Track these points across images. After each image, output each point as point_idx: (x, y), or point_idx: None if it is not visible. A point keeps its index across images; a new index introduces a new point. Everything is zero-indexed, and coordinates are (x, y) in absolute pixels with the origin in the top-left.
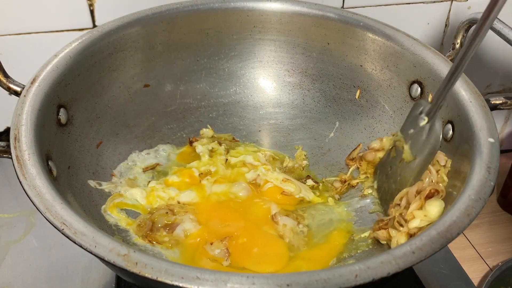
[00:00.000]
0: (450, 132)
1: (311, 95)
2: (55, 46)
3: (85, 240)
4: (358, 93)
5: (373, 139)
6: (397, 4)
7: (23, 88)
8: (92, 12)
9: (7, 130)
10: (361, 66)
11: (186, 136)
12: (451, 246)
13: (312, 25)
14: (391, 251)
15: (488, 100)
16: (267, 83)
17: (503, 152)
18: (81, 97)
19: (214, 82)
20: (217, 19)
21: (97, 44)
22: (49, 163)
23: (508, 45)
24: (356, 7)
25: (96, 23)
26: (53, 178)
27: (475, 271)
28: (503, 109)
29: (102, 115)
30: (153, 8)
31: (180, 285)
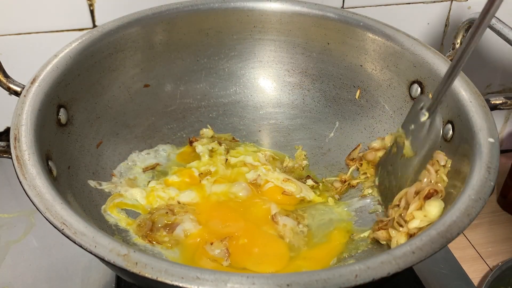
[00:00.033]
0: (450, 132)
1: (311, 95)
2: (55, 46)
3: (85, 240)
4: (358, 93)
5: (373, 139)
6: (397, 4)
7: (23, 88)
8: (92, 12)
9: (7, 130)
10: (361, 66)
11: (186, 136)
12: (451, 246)
13: (312, 25)
14: (391, 251)
15: (488, 100)
16: (267, 83)
17: (503, 152)
18: (81, 97)
19: (214, 82)
20: (217, 19)
21: (97, 44)
22: (49, 163)
23: (508, 45)
24: (356, 7)
25: (96, 23)
26: (53, 178)
27: (475, 271)
28: (503, 109)
29: (102, 115)
30: (153, 8)
31: (180, 285)
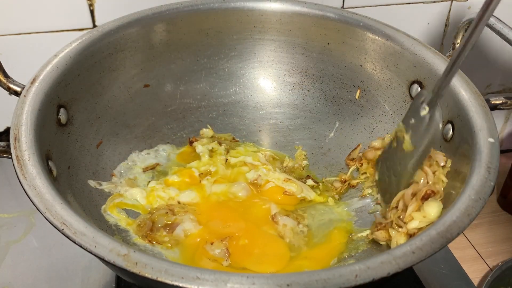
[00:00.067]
0: (450, 132)
1: (311, 95)
2: (55, 46)
3: (85, 240)
4: (358, 93)
5: (373, 139)
6: (397, 4)
7: (23, 88)
8: (92, 12)
9: (7, 130)
10: (361, 66)
11: (186, 136)
12: (451, 246)
13: (312, 25)
14: (391, 251)
15: (488, 100)
16: (267, 83)
17: (503, 152)
18: (81, 97)
19: (214, 82)
20: (217, 19)
21: (97, 44)
22: (49, 163)
23: (508, 45)
24: (356, 7)
25: (96, 23)
26: (53, 178)
27: (475, 271)
28: (503, 109)
29: (102, 115)
30: (153, 8)
31: (180, 285)
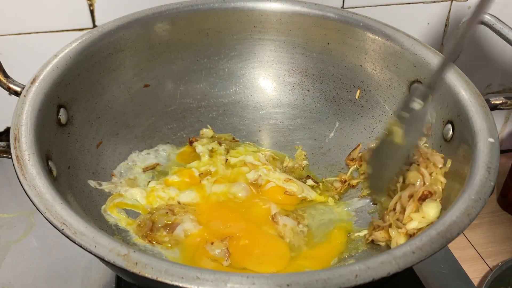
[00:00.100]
0: (450, 132)
1: (311, 95)
2: (55, 46)
3: (85, 240)
4: (358, 93)
5: (373, 139)
6: (397, 4)
7: (23, 88)
8: (92, 12)
9: (7, 130)
10: (361, 66)
11: (186, 136)
12: (451, 246)
13: (312, 25)
14: (391, 251)
15: (488, 100)
16: (267, 83)
17: (503, 152)
18: (81, 97)
19: (214, 82)
20: (217, 19)
21: (97, 44)
22: (49, 163)
23: (508, 45)
24: (356, 7)
25: (96, 23)
26: (53, 178)
27: (475, 271)
28: (503, 109)
29: (102, 115)
30: (153, 8)
31: (180, 285)
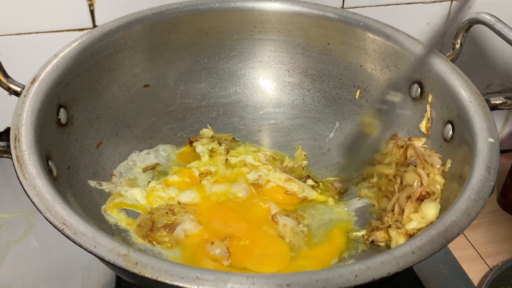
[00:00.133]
0: (450, 132)
1: (311, 95)
2: (55, 46)
3: (85, 240)
4: (358, 93)
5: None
6: (397, 4)
7: (23, 88)
8: (92, 12)
9: (7, 130)
10: (361, 66)
11: (186, 136)
12: (451, 246)
13: (312, 25)
14: (391, 251)
15: (488, 100)
16: (267, 83)
17: (503, 152)
18: (81, 97)
19: (214, 82)
20: (217, 19)
21: (97, 44)
22: (49, 163)
23: (508, 45)
24: (356, 7)
25: (96, 23)
26: (53, 178)
27: (475, 271)
28: (503, 109)
29: (102, 115)
30: (153, 8)
31: (180, 285)
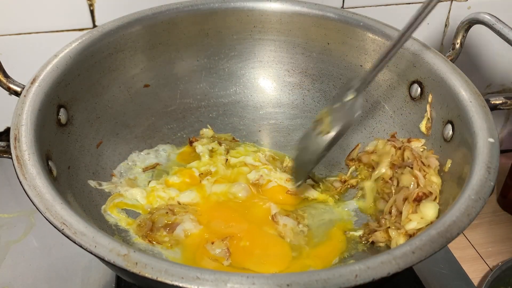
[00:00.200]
0: (450, 132)
1: (311, 95)
2: (55, 46)
3: (85, 240)
4: None
5: (373, 139)
6: (397, 4)
7: (23, 88)
8: (92, 12)
9: (7, 130)
10: (361, 66)
11: (186, 136)
12: (451, 246)
13: (312, 25)
14: (391, 251)
15: (488, 100)
16: (267, 83)
17: (503, 152)
18: (81, 97)
19: (214, 82)
20: (217, 19)
21: (97, 44)
22: (49, 163)
23: (508, 45)
24: (356, 7)
25: (96, 23)
26: (53, 178)
27: (475, 271)
28: (503, 109)
29: (102, 115)
30: (153, 8)
31: (180, 285)
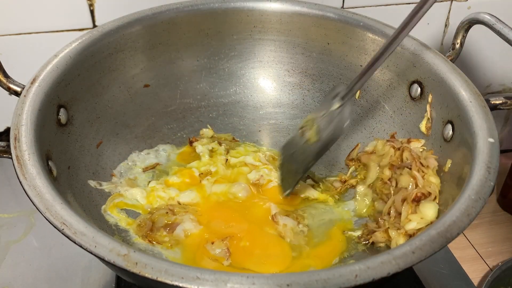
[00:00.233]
0: (450, 132)
1: (311, 95)
2: (55, 46)
3: (85, 240)
4: (358, 93)
5: (373, 139)
6: (397, 4)
7: (23, 88)
8: (92, 12)
9: (7, 130)
10: (361, 66)
11: (186, 136)
12: (451, 246)
13: (312, 25)
14: (391, 251)
15: (488, 100)
16: (267, 83)
17: (503, 152)
18: (81, 97)
19: (214, 82)
20: (217, 19)
21: (97, 44)
22: (49, 163)
23: (508, 45)
24: (356, 7)
25: (96, 23)
26: (53, 178)
27: (475, 271)
28: (503, 109)
29: (102, 115)
30: (153, 8)
31: (180, 285)
